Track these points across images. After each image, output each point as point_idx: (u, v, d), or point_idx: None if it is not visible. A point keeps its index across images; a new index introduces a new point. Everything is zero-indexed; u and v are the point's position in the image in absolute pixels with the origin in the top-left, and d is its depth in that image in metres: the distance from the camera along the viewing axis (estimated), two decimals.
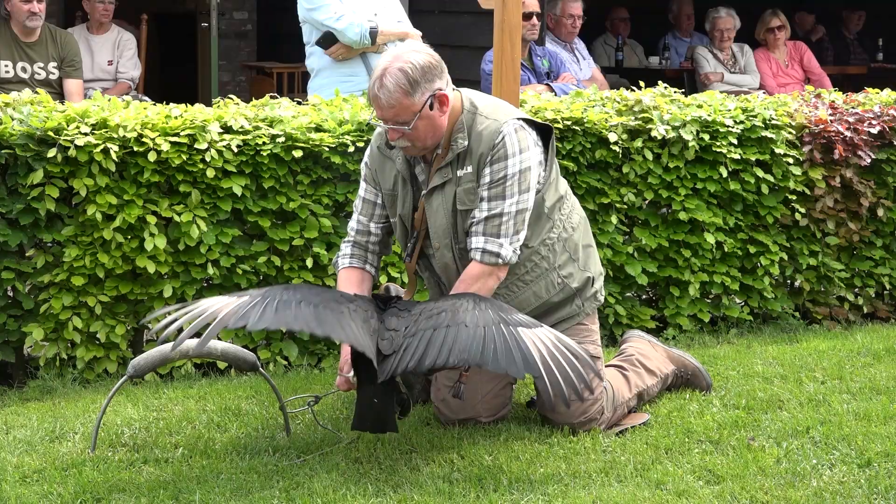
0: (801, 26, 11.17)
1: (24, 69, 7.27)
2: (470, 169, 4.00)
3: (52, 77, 7.31)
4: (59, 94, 7.23)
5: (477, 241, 3.99)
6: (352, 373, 3.89)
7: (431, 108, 3.92)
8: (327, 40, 6.12)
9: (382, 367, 3.67)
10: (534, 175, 4.01)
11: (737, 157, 5.47)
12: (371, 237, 4.22)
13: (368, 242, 4.23)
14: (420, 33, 6.29)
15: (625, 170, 5.37)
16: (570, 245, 4.19)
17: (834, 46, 11.40)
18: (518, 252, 4.02)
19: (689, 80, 9.57)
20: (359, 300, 3.84)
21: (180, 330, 3.62)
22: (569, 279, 4.18)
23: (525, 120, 4.07)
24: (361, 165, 4.27)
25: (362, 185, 4.25)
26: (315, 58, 6.22)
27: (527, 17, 7.12)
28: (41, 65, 7.29)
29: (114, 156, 4.63)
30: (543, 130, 4.13)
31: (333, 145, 4.92)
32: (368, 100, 3.99)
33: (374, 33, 6.02)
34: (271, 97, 5.25)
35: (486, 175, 3.98)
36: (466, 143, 3.98)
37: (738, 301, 5.70)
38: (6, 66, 7.23)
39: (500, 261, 3.98)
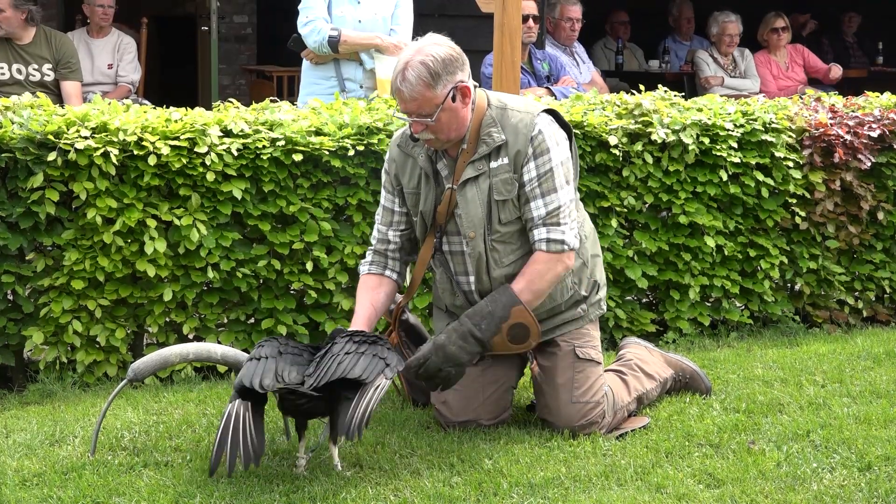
0: (793, 24, 11.18)
1: (19, 71, 7.26)
2: (506, 160, 4.04)
3: (46, 79, 7.30)
4: (57, 96, 7.22)
5: (539, 233, 4.04)
6: None
7: (454, 100, 3.97)
8: (297, 43, 6.18)
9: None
10: (570, 166, 4.11)
11: (737, 160, 5.47)
12: (390, 245, 4.25)
13: (388, 250, 4.25)
14: (403, 44, 6.23)
15: (625, 173, 5.37)
16: (583, 252, 4.22)
17: (833, 49, 11.40)
18: (578, 237, 4.10)
19: (689, 84, 9.58)
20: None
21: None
22: (579, 285, 4.21)
23: (552, 114, 4.14)
24: (382, 172, 4.28)
25: (382, 192, 4.28)
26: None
27: (523, 19, 7.12)
28: (36, 67, 7.28)
29: (114, 159, 4.63)
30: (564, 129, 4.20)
31: (333, 149, 4.91)
32: (392, 93, 4.03)
33: (333, 42, 6.03)
34: (271, 101, 5.25)
35: (531, 170, 4.03)
36: (503, 136, 4.03)
37: (738, 304, 5.69)
38: (1, 68, 7.23)
39: (566, 247, 4.05)
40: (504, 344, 4.04)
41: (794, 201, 5.64)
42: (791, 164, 5.59)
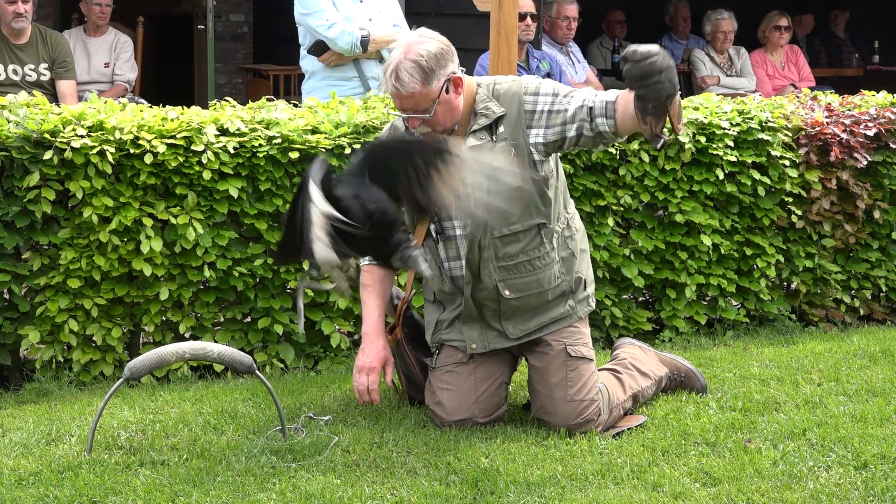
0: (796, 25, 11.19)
1: (15, 71, 7.25)
2: (503, 129, 4.06)
3: (43, 78, 7.29)
4: (52, 96, 7.21)
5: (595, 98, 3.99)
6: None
7: (447, 91, 4.02)
8: (319, 48, 6.14)
9: None
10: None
11: (733, 159, 5.48)
12: None
13: None
14: None
15: (621, 172, 5.38)
16: (573, 244, 4.24)
17: (825, 48, 11.41)
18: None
19: (686, 83, 9.58)
20: None
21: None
22: (566, 275, 4.22)
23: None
24: None
25: None
26: (309, 60, 6.24)
27: (521, 17, 7.12)
28: (32, 66, 7.28)
29: (110, 158, 4.63)
30: None
31: (330, 147, 4.92)
32: (386, 93, 4.05)
33: (365, 42, 6.05)
34: (268, 99, 5.25)
35: (536, 103, 4.04)
36: (502, 108, 4.06)
37: (734, 303, 5.70)
38: None
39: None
40: None
41: (791, 200, 5.64)
42: (787, 162, 5.59)
